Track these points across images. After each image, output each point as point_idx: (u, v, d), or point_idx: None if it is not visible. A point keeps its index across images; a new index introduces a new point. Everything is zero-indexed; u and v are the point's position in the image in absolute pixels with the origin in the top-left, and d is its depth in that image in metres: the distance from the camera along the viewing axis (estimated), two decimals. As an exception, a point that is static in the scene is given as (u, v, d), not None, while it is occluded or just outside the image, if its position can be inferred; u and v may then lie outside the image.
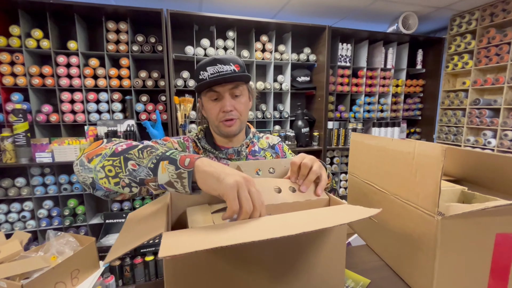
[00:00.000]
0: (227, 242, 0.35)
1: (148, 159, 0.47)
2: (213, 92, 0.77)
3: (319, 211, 0.49)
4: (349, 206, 0.53)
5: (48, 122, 1.81)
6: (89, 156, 0.51)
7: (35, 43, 1.72)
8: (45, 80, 1.76)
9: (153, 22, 1.86)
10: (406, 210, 0.66)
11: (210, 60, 0.76)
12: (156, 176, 0.46)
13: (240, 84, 0.79)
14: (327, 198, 0.61)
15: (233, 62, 0.77)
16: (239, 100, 0.80)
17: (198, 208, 0.67)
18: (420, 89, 2.68)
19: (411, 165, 0.65)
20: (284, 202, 0.58)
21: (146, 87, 1.93)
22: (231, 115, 0.78)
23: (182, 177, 0.44)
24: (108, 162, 0.49)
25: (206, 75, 0.76)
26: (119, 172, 0.48)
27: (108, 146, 0.52)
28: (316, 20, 2.54)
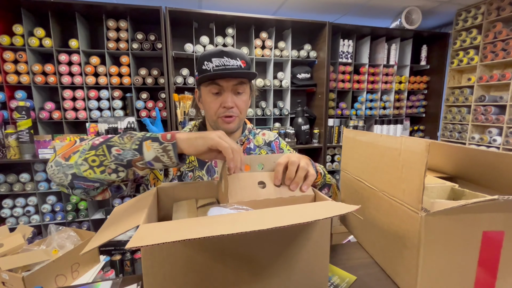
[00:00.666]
0: (198, 234, 0.36)
1: (130, 142, 0.50)
2: (216, 86, 0.74)
3: (299, 207, 0.49)
4: (332, 202, 0.52)
5: (51, 119, 1.85)
6: (66, 155, 0.52)
7: (37, 41, 1.75)
8: (48, 78, 1.80)
9: (152, 19, 1.88)
10: (393, 207, 0.65)
11: (216, 51, 0.73)
12: (142, 155, 0.50)
13: (244, 81, 0.76)
14: (313, 194, 0.61)
15: (240, 57, 0.74)
16: (241, 98, 0.78)
17: (184, 203, 0.67)
18: (424, 86, 2.63)
19: (397, 161, 0.64)
20: (267, 198, 0.57)
21: (146, 84, 1.95)
22: (231, 112, 0.76)
23: (167, 150, 0.49)
24: (90, 154, 0.50)
25: (211, 66, 0.72)
26: (103, 160, 0.50)
27: (83, 143, 0.54)
28: (317, 17, 2.51)
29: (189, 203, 0.67)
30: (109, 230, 0.47)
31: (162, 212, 0.67)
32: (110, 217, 0.56)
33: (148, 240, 0.35)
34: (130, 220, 0.47)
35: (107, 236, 0.44)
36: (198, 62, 0.77)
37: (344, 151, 0.93)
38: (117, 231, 0.44)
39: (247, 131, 0.90)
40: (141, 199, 0.59)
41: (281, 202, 0.59)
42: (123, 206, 0.60)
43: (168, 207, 0.67)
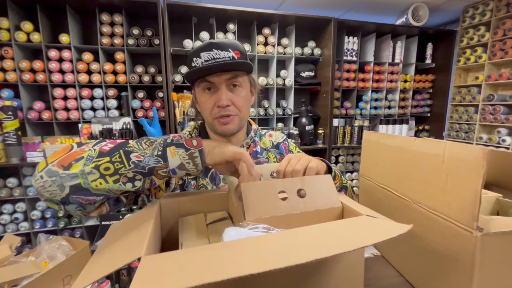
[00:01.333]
0: (221, 275, 0.27)
1: (151, 148, 0.47)
2: (207, 83, 0.65)
3: (334, 226, 0.40)
4: (369, 219, 0.44)
5: (40, 119, 1.73)
6: (64, 163, 0.44)
7: (25, 36, 1.63)
8: (36, 75, 1.68)
9: (149, 14, 1.77)
10: (433, 222, 0.57)
11: (204, 45, 0.63)
12: (167, 162, 0.46)
13: (239, 74, 0.66)
14: (340, 206, 0.52)
15: (233, 47, 0.64)
16: (238, 93, 0.67)
17: (191, 219, 0.58)
18: (429, 85, 2.57)
19: (440, 170, 0.55)
20: (290, 214, 0.48)
21: (143, 82, 1.84)
22: (227, 111, 0.66)
23: (194, 157, 0.47)
24: (103, 161, 0.44)
25: (200, 62, 0.63)
26: (120, 168, 0.45)
27: (85, 149, 0.46)
28: (320, 13, 2.43)
29: (197, 219, 0.57)
30: (104, 261, 0.38)
31: (165, 230, 0.57)
32: (106, 239, 0.46)
33: (155, 285, 0.27)
34: (129, 248, 0.37)
35: (102, 271, 0.34)
36: (187, 60, 0.67)
37: (365, 155, 0.84)
38: (114, 265, 0.34)
39: (253, 133, 0.80)
40: (142, 216, 0.49)
41: (305, 217, 0.49)
42: (120, 225, 0.50)
43: (172, 223, 0.58)
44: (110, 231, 0.48)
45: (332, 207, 0.51)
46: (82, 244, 1.26)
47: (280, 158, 0.84)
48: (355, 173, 2.49)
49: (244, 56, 0.67)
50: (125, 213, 1.96)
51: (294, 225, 0.47)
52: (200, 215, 0.59)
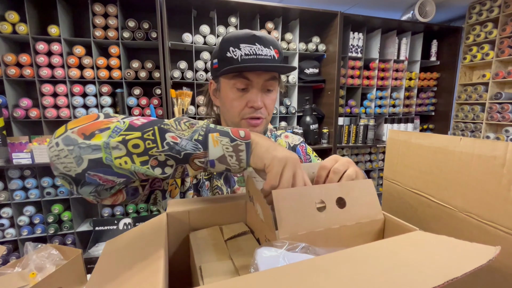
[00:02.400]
0: None
1: (191, 131, 0.39)
2: (244, 80, 0.58)
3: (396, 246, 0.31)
4: (430, 235, 0.36)
5: (27, 118, 1.61)
6: (86, 132, 0.37)
7: (10, 27, 1.50)
8: (23, 70, 1.55)
9: (146, 5, 1.66)
10: (489, 235, 0.48)
11: (247, 36, 0.57)
12: (207, 150, 0.39)
13: (276, 76, 0.62)
14: (382, 218, 0.44)
15: (274, 45, 0.60)
16: (270, 96, 0.63)
17: (206, 234, 0.48)
18: (434, 83, 2.52)
19: (498, 175, 0.47)
20: (328, 228, 0.40)
21: (139, 78, 1.73)
22: (259, 113, 0.61)
23: (239, 150, 0.40)
24: (132, 135, 0.37)
25: (238, 54, 0.56)
26: (151, 148, 0.37)
27: (113, 120, 0.39)
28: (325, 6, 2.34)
29: (213, 234, 0.48)
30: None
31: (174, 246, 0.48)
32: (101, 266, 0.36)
33: None
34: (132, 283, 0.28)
35: None
36: (220, 47, 0.60)
37: (390, 156, 0.76)
38: None
39: (269, 133, 0.76)
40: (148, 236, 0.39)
41: (345, 232, 0.42)
42: (120, 245, 0.40)
43: (182, 238, 0.49)
44: (106, 252, 0.38)
45: (374, 220, 0.44)
46: (74, 252, 1.16)
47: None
48: (359, 173, 2.42)
49: (281, 57, 0.63)
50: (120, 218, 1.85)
51: (332, 240, 0.41)
52: (215, 229, 0.50)
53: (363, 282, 0.25)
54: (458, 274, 0.25)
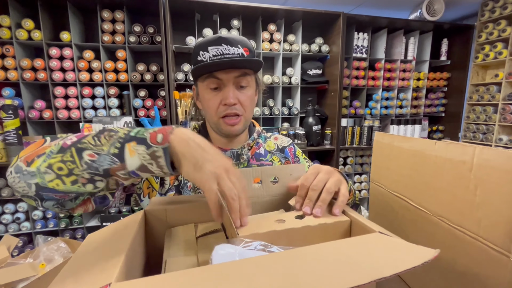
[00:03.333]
0: None
1: (109, 144, 0.38)
2: (214, 79, 0.62)
3: (344, 247, 0.33)
4: (384, 237, 0.37)
5: (41, 118, 1.71)
6: (28, 159, 0.40)
7: (26, 34, 1.61)
8: (37, 74, 1.65)
9: (151, 10, 1.72)
10: (458, 240, 0.48)
11: (214, 38, 0.60)
12: (124, 162, 0.37)
13: (248, 73, 0.64)
14: (348, 220, 0.45)
15: (242, 44, 0.62)
16: (245, 93, 0.65)
17: (180, 231, 0.51)
18: (444, 83, 2.44)
19: (467, 179, 0.47)
20: (291, 228, 0.42)
21: (145, 81, 1.80)
22: (234, 109, 0.63)
23: (156, 156, 0.37)
24: (55, 160, 0.38)
25: (207, 56, 0.60)
26: (73, 168, 0.38)
27: (53, 143, 0.41)
28: (329, 7, 2.33)
29: (186, 231, 0.51)
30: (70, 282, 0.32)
31: (152, 242, 0.51)
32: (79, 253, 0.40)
33: None
34: (100, 270, 0.32)
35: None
36: (193, 53, 0.64)
37: (376, 159, 0.76)
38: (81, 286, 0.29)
39: (256, 134, 0.77)
40: (122, 229, 0.43)
41: (308, 232, 0.43)
42: (98, 236, 0.44)
43: (160, 235, 0.52)
44: (85, 243, 0.42)
45: (339, 221, 0.45)
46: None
47: (285, 162, 0.80)
48: (364, 175, 2.39)
49: (252, 54, 0.65)
50: (126, 214, 1.93)
51: (296, 241, 0.42)
52: (190, 226, 0.53)
53: (290, 277, 0.27)
54: (387, 274, 0.27)
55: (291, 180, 0.54)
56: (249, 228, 0.42)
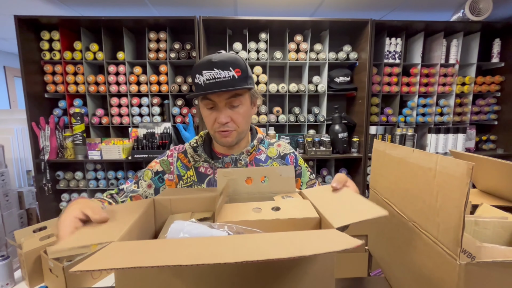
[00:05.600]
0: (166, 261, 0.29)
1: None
2: (209, 101, 0.71)
3: (294, 234, 0.40)
4: (335, 232, 0.42)
5: (100, 124, 2.06)
6: None
7: (92, 55, 1.98)
8: (99, 87, 2.01)
9: (188, 29, 1.95)
10: (425, 244, 0.51)
11: (206, 63, 0.67)
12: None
13: (239, 93, 0.71)
14: (317, 217, 0.50)
15: (233, 66, 0.67)
16: (237, 111, 0.73)
17: (179, 217, 0.63)
18: (496, 88, 2.18)
19: (432, 186, 0.50)
20: (262, 219, 0.49)
21: (182, 91, 2.03)
22: (226, 127, 0.72)
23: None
24: None
25: (202, 80, 0.68)
26: None
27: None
28: (361, 14, 2.32)
29: (183, 217, 0.63)
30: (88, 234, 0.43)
31: (158, 225, 0.64)
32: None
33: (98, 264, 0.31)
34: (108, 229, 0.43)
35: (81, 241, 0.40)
36: (191, 73, 0.73)
37: (374, 166, 0.79)
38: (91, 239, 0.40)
39: (256, 141, 0.83)
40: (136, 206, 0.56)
41: (278, 225, 0.49)
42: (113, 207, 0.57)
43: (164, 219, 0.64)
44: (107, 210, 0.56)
45: (308, 217, 0.50)
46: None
47: None
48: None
49: (245, 73, 0.70)
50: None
51: (265, 231, 0.47)
52: (187, 214, 0.64)
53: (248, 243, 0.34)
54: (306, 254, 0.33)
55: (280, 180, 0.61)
56: (227, 215, 0.52)
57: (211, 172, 0.80)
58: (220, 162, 0.79)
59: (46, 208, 2.02)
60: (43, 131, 1.92)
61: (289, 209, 0.52)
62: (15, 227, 2.06)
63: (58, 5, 2.12)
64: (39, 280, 1.04)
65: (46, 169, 1.94)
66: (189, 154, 0.82)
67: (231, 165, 0.80)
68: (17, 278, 1.08)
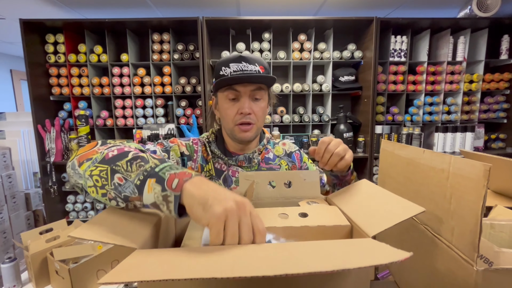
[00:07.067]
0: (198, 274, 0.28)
1: (136, 173, 0.42)
2: (233, 91, 0.72)
3: (333, 244, 0.36)
4: (372, 241, 0.38)
5: (105, 126, 2.07)
6: (81, 159, 0.47)
7: (96, 57, 1.98)
8: (103, 89, 2.02)
9: (191, 30, 1.95)
10: (438, 248, 0.49)
11: (234, 57, 0.72)
12: (142, 195, 0.40)
13: (262, 87, 0.74)
14: (348, 225, 0.47)
15: (259, 63, 0.73)
16: (259, 104, 0.75)
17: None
18: (505, 85, 2.14)
19: (444, 188, 0.48)
20: (290, 226, 0.46)
21: (185, 92, 2.03)
22: (248, 119, 0.73)
23: (168, 201, 0.38)
24: (96, 171, 0.44)
25: (228, 72, 0.71)
26: (105, 184, 0.43)
27: (100, 150, 0.48)
28: (365, 13, 2.29)
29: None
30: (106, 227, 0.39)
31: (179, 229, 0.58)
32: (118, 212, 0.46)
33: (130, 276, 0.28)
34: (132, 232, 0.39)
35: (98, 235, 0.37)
36: (215, 68, 0.76)
37: (382, 166, 0.77)
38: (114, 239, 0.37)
39: (265, 140, 0.86)
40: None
41: (306, 232, 0.46)
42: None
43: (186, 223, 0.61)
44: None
45: (339, 225, 0.47)
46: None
47: (291, 166, 0.87)
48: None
49: (267, 71, 0.75)
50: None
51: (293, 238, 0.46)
52: None
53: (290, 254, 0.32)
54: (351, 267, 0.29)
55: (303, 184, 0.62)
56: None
57: (225, 169, 0.80)
58: (234, 160, 0.80)
59: (52, 209, 2.04)
60: (49, 134, 1.94)
61: (317, 215, 0.50)
62: (22, 228, 2.08)
63: (62, 8, 2.14)
64: (46, 281, 1.05)
65: (52, 171, 1.96)
66: (208, 148, 0.81)
67: (244, 163, 0.81)
68: (24, 279, 1.08)
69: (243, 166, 0.81)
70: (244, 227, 0.35)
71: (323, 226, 0.47)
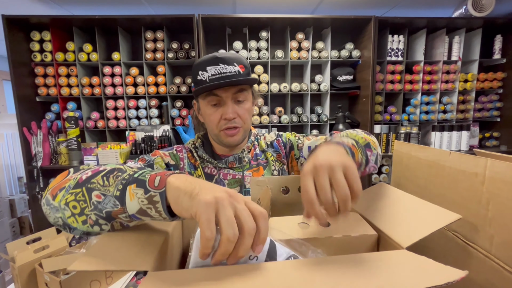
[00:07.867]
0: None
1: (114, 185, 0.37)
2: (214, 97, 0.68)
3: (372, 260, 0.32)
4: (415, 256, 0.34)
5: (96, 128, 1.97)
6: (53, 192, 0.41)
7: (86, 56, 1.89)
8: (94, 89, 1.92)
9: (186, 28, 1.88)
10: (471, 257, 0.46)
11: (210, 58, 0.66)
12: (125, 206, 0.35)
13: (245, 88, 0.70)
14: (374, 234, 0.43)
15: (238, 62, 0.68)
16: (243, 106, 0.71)
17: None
18: (498, 84, 2.17)
19: (479, 192, 0.45)
20: (313, 237, 0.41)
21: (181, 93, 1.96)
22: (234, 123, 0.69)
23: (154, 202, 0.34)
24: (71, 197, 0.38)
25: (206, 76, 0.66)
26: (84, 208, 0.37)
27: (73, 177, 0.42)
28: (362, 12, 2.28)
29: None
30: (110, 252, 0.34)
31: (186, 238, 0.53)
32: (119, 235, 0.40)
33: None
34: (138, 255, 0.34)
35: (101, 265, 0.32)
36: (192, 71, 0.70)
37: (395, 168, 0.74)
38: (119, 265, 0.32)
39: (253, 137, 0.83)
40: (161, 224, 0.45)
41: (331, 243, 0.42)
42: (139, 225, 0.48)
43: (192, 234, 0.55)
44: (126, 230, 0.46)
45: (365, 234, 0.43)
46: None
47: (276, 155, 0.82)
48: (402, 185, 2.23)
49: (248, 70, 0.71)
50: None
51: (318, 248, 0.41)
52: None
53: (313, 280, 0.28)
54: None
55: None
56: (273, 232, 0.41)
57: (215, 173, 0.77)
58: (224, 162, 0.77)
59: (39, 216, 1.93)
60: (35, 137, 1.83)
61: (340, 224, 0.45)
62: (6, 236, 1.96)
63: (48, 4, 2.03)
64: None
65: (39, 176, 1.85)
66: (195, 153, 0.78)
67: (235, 164, 0.78)
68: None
69: (234, 167, 0.78)
70: (243, 213, 0.30)
71: (348, 236, 0.43)
